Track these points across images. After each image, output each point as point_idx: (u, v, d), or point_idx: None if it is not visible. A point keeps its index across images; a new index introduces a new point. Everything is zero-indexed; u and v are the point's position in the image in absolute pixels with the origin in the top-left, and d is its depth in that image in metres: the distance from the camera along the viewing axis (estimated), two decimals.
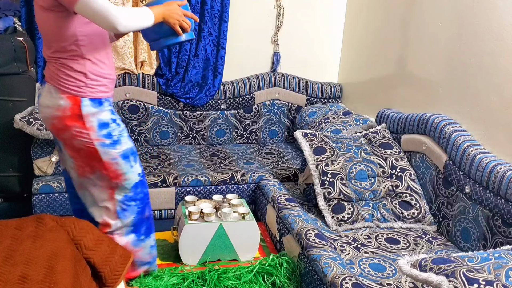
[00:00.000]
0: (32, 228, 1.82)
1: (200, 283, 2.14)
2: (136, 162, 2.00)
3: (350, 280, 1.79)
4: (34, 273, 1.60)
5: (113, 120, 1.92)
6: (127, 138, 1.97)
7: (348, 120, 3.24)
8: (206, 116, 3.60)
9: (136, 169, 1.99)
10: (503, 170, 2.04)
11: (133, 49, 3.36)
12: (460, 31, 2.52)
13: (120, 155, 1.92)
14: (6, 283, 1.53)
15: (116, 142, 1.91)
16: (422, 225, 2.46)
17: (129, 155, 1.96)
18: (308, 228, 2.22)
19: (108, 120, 1.90)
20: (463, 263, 1.43)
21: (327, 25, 3.80)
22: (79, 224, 1.89)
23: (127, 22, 1.71)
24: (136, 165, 2.00)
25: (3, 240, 1.74)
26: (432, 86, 2.76)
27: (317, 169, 2.53)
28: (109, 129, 1.89)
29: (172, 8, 1.90)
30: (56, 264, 1.67)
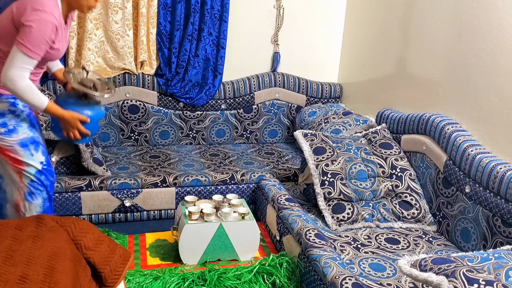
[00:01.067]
0: (32, 228, 1.81)
1: (200, 283, 2.14)
2: (38, 151, 2.17)
3: (350, 280, 1.79)
4: (34, 273, 1.60)
5: (11, 111, 2.11)
6: (26, 128, 2.14)
7: (348, 120, 3.24)
8: (206, 116, 3.61)
9: (37, 157, 2.17)
10: (503, 170, 2.04)
11: (133, 49, 3.36)
12: (460, 31, 2.52)
13: (17, 143, 2.12)
14: (6, 283, 1.53)
15: (11, 131, 2.11)
16: (422, 225, 2.46)
17: (28, 143, 2.14)
18: (308, 228, 2.22)
19: (4, 111, 2.10)
20: (463, 263, 1.43)
21: (327, 25, 3.80)
22: (79, 224, 1.89)
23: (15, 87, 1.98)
24: (37, 154, 2.17)
25: (3, 240, 1.73)
26: (432, 86, 2.76)
27: (317, 169, 2.53)
28: (4, 119, 2.10)
29: (70, 119, 2.14)
30: (56, 264, 1.67)
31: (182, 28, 3.40)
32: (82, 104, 2.18)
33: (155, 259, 2.37)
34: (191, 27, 3.39)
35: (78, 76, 2.21)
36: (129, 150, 3.40)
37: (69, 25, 2.23)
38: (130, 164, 3.13)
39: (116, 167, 3.05)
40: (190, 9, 3.36)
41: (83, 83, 2.17)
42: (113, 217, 2.82)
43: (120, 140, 3.47)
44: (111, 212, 2.81)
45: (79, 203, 2.73)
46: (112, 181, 2.78)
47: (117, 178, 2.81)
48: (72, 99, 2.20)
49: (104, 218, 2.81)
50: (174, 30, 3.37)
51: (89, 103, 2.21)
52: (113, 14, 3.23)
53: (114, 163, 3.13)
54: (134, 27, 3.34)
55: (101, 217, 2.80)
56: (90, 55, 3.27)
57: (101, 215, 2.80)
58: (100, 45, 3.30)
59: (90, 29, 3.22)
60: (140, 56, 3.36)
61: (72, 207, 2.73)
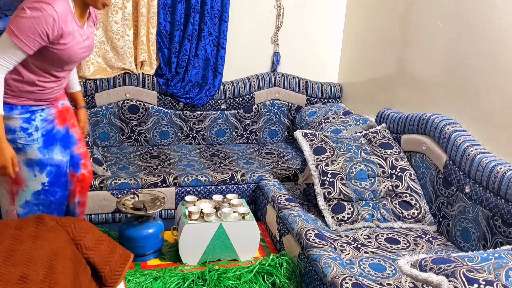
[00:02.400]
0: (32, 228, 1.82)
1: (200, 283, 2.14)
2: (42, 173, 2.04)
3: (350, 280, 1.79)
4: (34, 273, 1.60)
5: (23, 128, 1.98)
6: (37, 149, 2.01)
7: (348, 120, 3.24)
8: (206, 116, 3.60)
9: (40, 178, 2.04)
10: (503, 170, 2.04)
11: (133, 49, 3.36)
12: (460, 31, 2.52)
13: (23, 162, 1.99)
14: (6, 283, 1.53)
15: (19, 149, 1.97)
16: (422, 225, 2.46)
17: (34, 164, 2.02)
18: (308, 228, 2.22)
19: (15, 127, 1.96)
20: (463, 263, 1.43)
21: (327, 25, 3.80)
22: (79, 224, 1.89)
23: None
24: (41, 175, 2.04)
25: (3, 240, 1.74)
26: (432, 86, 2.76)
27: (317, 169, 2.53)
28: (14, 136, 1.96)
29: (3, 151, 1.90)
30: (56, 264, 1.67)
31: (182, 28, 3.40)
32: (142, 225, 2.33)
33: (155, 259, 2.37)
34: (191, 27, 3.39)
35: (130, 203, 2.38)
36: (129, 150, 3.40)
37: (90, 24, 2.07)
38: (130, 164, 3.13)
39: (116, 167, 3.05)
40: (190, 9, 3.36)
41: (136, 207, 2.33)
42: (113, 217, 2.82)
43: (120, 140, 3.47)
44: (111, 212, 2.81)
45: None
46: (112, 181, 2.78)
47: (117, 178, 2.81)
48: (133, 223, 2.35)
49: (104, 218, 2.81)
50: (174, 30, 3.37)
51: (147, 221, 2.35)
52: (113, 14, 3.23)
53: (114, 163, 3.13)
54: (134, 27, 3.34)
55: (101, 217, 2.80)
56: (90, 55, 3.27)
57: (101, 215, 2.80)
58: (100, 45, 3.30)
59: None
60: (140, 56, 3.36)
61: None
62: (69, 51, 1.93)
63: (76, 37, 1.94)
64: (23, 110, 1.98)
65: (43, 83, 1.99)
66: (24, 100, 1.98)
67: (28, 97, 1.98)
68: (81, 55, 2.01)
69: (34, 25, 1.78)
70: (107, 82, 3.34)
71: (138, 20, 3.30)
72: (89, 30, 2.05)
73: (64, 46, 1.90)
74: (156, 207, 2.36)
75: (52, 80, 2.01)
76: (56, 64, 1.96)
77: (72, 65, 2.05)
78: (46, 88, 2.01)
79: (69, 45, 1.92)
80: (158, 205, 2.38)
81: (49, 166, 2.06)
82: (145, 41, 3.34)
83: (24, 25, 1.78)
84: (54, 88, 2.05)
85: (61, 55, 1.92)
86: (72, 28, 1.91)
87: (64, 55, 1.93)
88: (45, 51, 1.89)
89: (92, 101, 3.33)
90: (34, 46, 1.82)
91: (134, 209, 2.33)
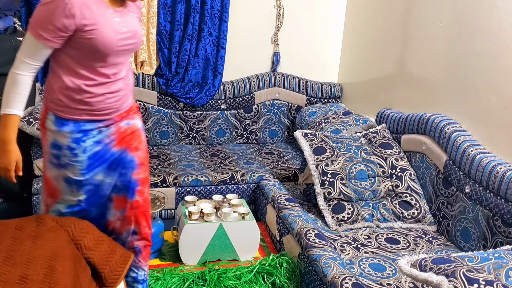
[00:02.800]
0: (32, 228, 1.81)
1: (200, 283, 2.14)
2: (80, 191, 1.83)
3: (350, 280, 1.79)
4: (34, 273, 1.60)
5: (70, 148, 1.77)
6: (79, 170, 1.80)
7: (348, 120, 3.24)
8: (206, 116, 3.60)
9: (77, 195, 1.84)
10: (503, 170, 2.04)
11: None
12: (460, 31, 2.52)
13: (63, 178, 1.82)
14: (6, 283, 1.53)
15: (61, 166, 1.80)
16: (422, 225, 2.46)
17: (72, 183, 1.82)
18: (308, 228, 2.22)
19: (62, 144, 1.77)
20: (463, 263, 1.43)
21: (327, 25, 3.80)
22: (79, 224, 1.89)
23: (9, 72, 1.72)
24: (78, 192, 1.84)
25: (3, 240, 1.73)
26: (432, 86, 2.76)
27: (317, 169, 2.53)
28: (59, 152, 1.78)
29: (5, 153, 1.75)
30: (56, 264, 1.67)
31: (182, 28, 3.40)
32: None
33: (155, 259, 2.37)
34: (191, 27, 3.39)
35: None
36: None
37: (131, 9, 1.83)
38: None
39: None
40: (190, 9, 3.36)
41: None
42: None
43: None
44: None
45: None
46: None
47: None
48: None
49: None
50: (174, 30, 3.37)
51: None
52: None
53: None
54: None
55: None
56: None
57: None
58: None
59: None
60: (140, 56, 3.36)
61: None
62: (102, 40, 1.68)
63: (107, 22, 1.70)
64: (74, 128, 1.77)
65: (91, 88, 1.74)
66: (77, 114, 1.76)
67: (80, 109, 1.75)
68: (120, 43, 1.74)
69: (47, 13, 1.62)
70: None
71: None
72: (130, 16, 1.81)
73: (92, 33, 1.67)
74: (156, 207, 2.36)
75: (100, 82, 1.75)
76: (94, 58, 1.72)
77: (114, 58, 1.76)
78: (96, 95, 1.75)
79: (99, 32, 1.68)
80: (158, 205, 2.38)
81: (88, 185, 1.85)
82: (145, 41, 3.34)
83: (39, 16, 1.64)
84: (107, 96, 1.78)
85: (93, 45, 1.68)
86: (99, 13, 1.68)
87: (98, 44, 1.68)
88: (76, 44, 1.68)
89: None
90: (52, 36, 1.64)
91: None
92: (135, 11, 1.86)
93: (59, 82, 1.74)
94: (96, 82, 1.74)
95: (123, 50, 1.77)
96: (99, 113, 1.79)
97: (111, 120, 1.83)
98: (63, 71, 1.73)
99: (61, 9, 1.60)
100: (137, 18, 1.87)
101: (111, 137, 1.84)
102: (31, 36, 1.64)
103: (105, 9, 1.71)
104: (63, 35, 1.65)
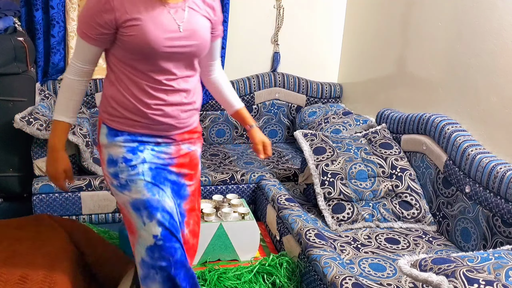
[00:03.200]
0: (32, 228, 1.82)
1: (200, 283, 2.14)
2: (152, 220, 1.54)
3: (350, 280, 1.79)
4: (34, 273, 1.60)
5: (125, 159, 1.57)
6: (142, 186, 1.56)
7: (348, 120, 3.24)
8: (206, 116, 3.60)
9: (150, 228, 1.55)
10: (503, 170, 2.04)
11: None
12: (460, 31, 2.52)
13: (130, 203, 1.57)
14: (6, 283, 1.53)
15: (123, 186, 1.57)
16: (422, 225, 2.46)
17: (141, 208, 1.55)
18: (308, 228, 2.22)
19: (117, 158, 1.58)
20: (463, 263, 1.43)
21: (327, 25, 3.80)
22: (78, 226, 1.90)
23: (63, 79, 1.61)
24: (150, 223, 1.55)
25: (3, 240, 1.74)
26: (432, 86, 2.76)
27: (317, 169, 2.53)
28: (116, 169, 1.57)
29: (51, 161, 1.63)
30: (56, 264, 1.67)
31: None
32: None
33: None
34: None
35: None
36: None
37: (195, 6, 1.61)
38: None
39: None
40: None
41: None
42: (113, 217, 2.82)
43: None
44: (111, 212, 2.81)
45: (79, 203, 2.73)
46: None
47: None
48: None
49: (104, 218, 2.81)
50: None
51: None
52: None
53: None
54: None
55: (101, 217, 2.80)
56: None
57: (101, 215, 2.80)
58: None
59: None
60: None
61: (72, 207, 2.73)
62: (144, 37, 1.49)
63: (154, 17, 1.51)
64: (129, 138, 1.59)
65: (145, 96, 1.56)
66: (131, 125, 1.59)
67: (135, 120, 1.58)
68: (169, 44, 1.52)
69: (88, 9, 1.51)
70: None
71: None
72: (191, 14, 1.58)
73: (134, 29, 1.49)
74: None
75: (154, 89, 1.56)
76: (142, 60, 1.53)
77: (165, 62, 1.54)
78: (150, 105, 1.56)
79: (141, 28, 1.49)
80: None
81: (160, 211, 1.56)
82: None
83: (82, 13, 1.54)
84: (163, 108, 1.57)
85: (135, 43, 1.50)
86: (144, 6, 1.50)
87: (140, 43, 1.49)
88: (120, 43, 1.53)
89: (92, 101, 3.33)
90: (94, 33, 1.51)
91: None
92: (201, 8, 1.62)
93: (111, 89, 1.59)
94: (149, 89, 1.55)
95: (175, 53, 1.54)
96: (156, 127, 1.60)
97: (171, 139, 1.64)
98: (114, 75, 1.59)
99: (100, 3, 1.49)
100: (203, 17, 1.63)
101: (170, 156, 1.65)
102: (78, 36, 1.55)
103: (153, 3, 1.52)
104: (105, 32, 1.51)
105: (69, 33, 3.18)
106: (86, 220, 2.78)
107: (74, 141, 2.69)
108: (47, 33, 3.19)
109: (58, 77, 3.28)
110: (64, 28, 3.20)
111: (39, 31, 3.13)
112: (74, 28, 3.19)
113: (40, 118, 2.69)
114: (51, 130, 1.61)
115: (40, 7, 3.10)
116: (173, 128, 1.62)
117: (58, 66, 3.28)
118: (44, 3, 3.12)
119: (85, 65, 1.57)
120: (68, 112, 1.59)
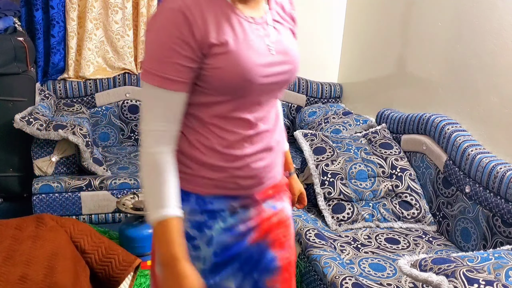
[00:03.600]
0: (32, 228, 1.82)
1: None
2: None
3: (350, 280, 1.79)
4: (34, 273, 1.60)
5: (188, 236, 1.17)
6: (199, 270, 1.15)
7: (348, 120, 3.24)
8: None
9: None
10: (503, 170, 2.04)
11: (133, 49, 3.36)
12: (460, 31, 2.52)
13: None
14: (6, 283, 1.53)
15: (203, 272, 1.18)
16: (422, 225, 2.46)
17: None
18: (308, 228, 2.22)
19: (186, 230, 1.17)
20: (463, 263, 1.43)
21: (327, 25, 3.80)
22: (78, 225, 1.90)
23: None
24: None
25: (3, 240, 1.74)
26: (432, 86, 2.76)
27: (317, 169, 2.53)
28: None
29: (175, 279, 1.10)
30: (56, 264, 1.67)
31: None
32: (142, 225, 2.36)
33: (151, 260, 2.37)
34: None
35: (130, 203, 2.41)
36: (129, 150, 3.39)
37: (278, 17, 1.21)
38: (130, 164, 3.13)
39: (116, 167, 3.05)
40: None
41: (136, 207, 2.36)
42: (113, 217, 2.82)
43: (120, 140, 3.47)
44: (111, 212, 2.81)
45: (79, 203, 2.74)
46: (112, 181, 2.78)
47: (117, 178, 2.81)
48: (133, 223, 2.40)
49: (104, 218, 2.81)
50: None
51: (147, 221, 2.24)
52: (113, 14, 3.23)
53: (114, 163, 3.12)
54: (134, 27, 3.34)
55: (101, 217, 2.80)
56: (90, 55, 3.27)
57: (101, 215, 2.80)
58: (100, 45, 3.31)
59: (90, 29, 3.22)
60: (140, 56, 3.36)
61: (72, 207, 2.73)
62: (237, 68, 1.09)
63: (246, 39, 1.12)
64: (196, 207, 1.18)
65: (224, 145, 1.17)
66: (201, 184, 1.19)
67: (207, 178, 1.19)
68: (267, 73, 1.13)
69: (159, 40, 1.08)
70: (107, 82, 3.34)
71: (138, 20, 3.31)
72: (279, 29, 1.20)
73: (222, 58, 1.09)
74: None
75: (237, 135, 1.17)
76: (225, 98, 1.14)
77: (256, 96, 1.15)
78: (231, 156, 1.17)
79: (230, 51, 1.09)
80: None
81: None
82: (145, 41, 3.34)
83: (152, 49, 1.10)
84: (247, 159, 1.18)
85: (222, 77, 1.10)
86: (229, 23, 1.10)
87: (232, 76, 1.10)
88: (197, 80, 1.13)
89: (92, 101, 3.33)
90: (180, 75, 1.09)
91: (134, 209, 2.34)
92: (284, 19, 1.23)
93: (182, 139, 1.19)
94: (231, 135, 1.16)
95: (271, 83, 1.15)
96: (233, 186, 1.20)
97: (250, 199, 1.24)
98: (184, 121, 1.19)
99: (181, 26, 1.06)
100: (289, 31, 1.26)
101: (248, 225, 1.24)
102: (148, 86, 1.15)
103: (236, 16, 1.12)
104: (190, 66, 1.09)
105: (69, 33, 3.19)
106: (86, 220, 2.78)
107: (74, 141, 2.69)
108: (47, 33, 3.20)
109: (58, 77, 3.28)
110: (64, 28, 3.21)
111: (39, 31, 3.14)
112: (74, 28, 3.19)
113: (40, 118, 2.69)
114: (158, 236, 1.12)
115: (40, 7, 3.11)
116: (255, 184, 1.23)
117: (58, 66, 3.28)
118: (44, 3, 3.13)
119: (171, 125, 1.14)
120: (171, 200, 1.11)
